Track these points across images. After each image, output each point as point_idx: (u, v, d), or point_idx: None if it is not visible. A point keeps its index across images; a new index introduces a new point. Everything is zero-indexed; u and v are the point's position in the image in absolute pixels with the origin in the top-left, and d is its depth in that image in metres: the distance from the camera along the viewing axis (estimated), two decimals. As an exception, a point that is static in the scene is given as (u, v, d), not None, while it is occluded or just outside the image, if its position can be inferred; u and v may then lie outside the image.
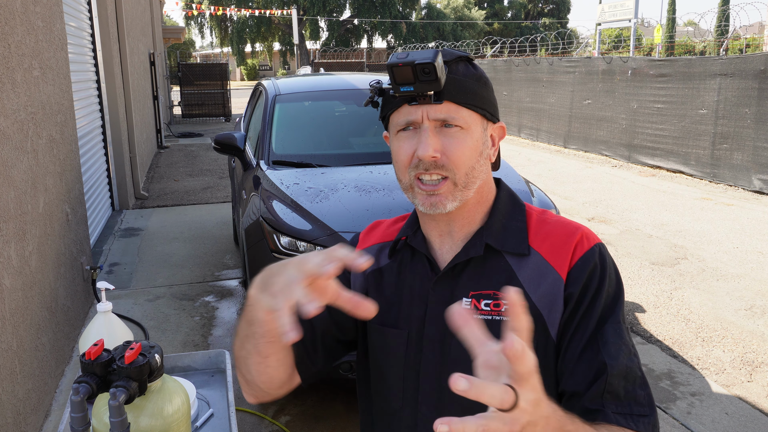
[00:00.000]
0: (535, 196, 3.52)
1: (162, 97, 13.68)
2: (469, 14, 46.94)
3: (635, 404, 0.93)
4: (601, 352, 0.95)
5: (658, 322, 4.24)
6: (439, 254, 1.08)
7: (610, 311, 0.98)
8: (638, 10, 15.57)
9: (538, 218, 1.07)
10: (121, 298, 4.64)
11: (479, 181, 1.03)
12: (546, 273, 1.00)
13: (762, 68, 7.95)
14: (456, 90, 0.99)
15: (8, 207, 2.74)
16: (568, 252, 1.00)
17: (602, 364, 0.94)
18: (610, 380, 0.93)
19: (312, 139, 4.34)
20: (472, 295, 1.02)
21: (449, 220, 1.06)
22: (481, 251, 1.03)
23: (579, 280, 0.98)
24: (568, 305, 0.98)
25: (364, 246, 1.18)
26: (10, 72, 2.91)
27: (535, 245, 1.03)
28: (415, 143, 1.00)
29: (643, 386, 0.95)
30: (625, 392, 0.93)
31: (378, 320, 1.11)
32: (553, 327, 0.98)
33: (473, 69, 1.04)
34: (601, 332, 0.96)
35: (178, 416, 1.11)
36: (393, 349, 1.08)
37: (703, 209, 7.30)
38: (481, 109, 1.02)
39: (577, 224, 1.06)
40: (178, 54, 23.59)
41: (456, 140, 0.99)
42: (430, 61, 0.94)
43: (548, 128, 13.20)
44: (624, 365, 0.94)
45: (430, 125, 0.99)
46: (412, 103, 0.99)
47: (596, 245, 1.02)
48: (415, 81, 0.95)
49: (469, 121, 1.00)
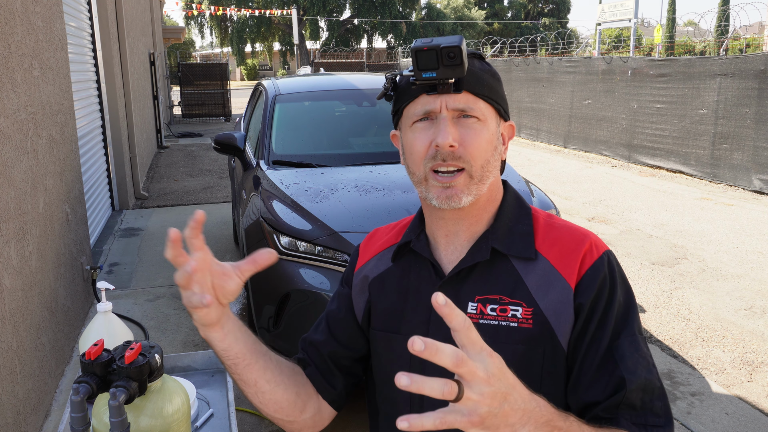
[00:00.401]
0: (535, 196, 3.52)
1: (162, 97, 13.68)
2: (469, 14, 46.94)
3: (651, 415, 0.93)
4: (619, 366, 0.94)
5: (658, 322, 4.25)
6: (443, 256, 1.07)
7: (625, 323, 0.97)
8: (638, 10, 15.57)
9: (546, 222, 1.06)
10: (121, 298, 4.64)
11: (492, 177, 1.03)
12: (554, 280, 0.99)
13: (762, 68, 7.95)
14: (474, 81, 0.99)
15: (8, 207, 2.74)
16: (577, 260, 0.99)
17: (620, 379, 0.93)
18: (629, 395, 0.92)
19: (312, 139, 4.34)
20: (478, 300, 1.01)
21: (458, 219, 1.04)
22: (487, 255, 1.01)
23: (589, 291, 0.97)
24: (580, 316, 0.97)
25: (366, 258, 1.17)
26: (10, 72, 2.91)
27: (542, 250, 1.02)
28: (432, 134, 0.99)
29: (661, 397, 0.95)
30: (642, 403, 0.93)
31: (382, 326, 1.10)
32: (563, 336, 0.97)
33: (487, 65, 1.04)
34: (617, 346, 0.95)
35: (178, 416, 1.11)
36: (398, 355, 1.07)
37: (703, 209, 7.30)
38: (497, 103, 1.02)
39: (585, 231, 1.04)
40: (178, 54, 23.60)
41: (473, 131, 0.99)
42: (457, 44, 0.93)
43: (548, 128, 13.20)
44: (643, 378, 0.93)
45: (448, 115, 0.98)
46: (431, 92, 0.98)
47: (605, 253, 1.01)
48: (438, 66, 0.95)
49: (486, 114, 1.00)
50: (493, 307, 0.99)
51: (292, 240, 3.04)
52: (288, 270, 3.00)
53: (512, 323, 0.98)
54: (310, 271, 2.96)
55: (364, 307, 1.13)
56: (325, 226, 3.01)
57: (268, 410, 1.06)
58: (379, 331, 1.10)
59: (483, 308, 1.00)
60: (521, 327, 0.97)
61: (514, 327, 0.97)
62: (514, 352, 0.96)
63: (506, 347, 0.96)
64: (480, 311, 1.00)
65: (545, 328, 0.97)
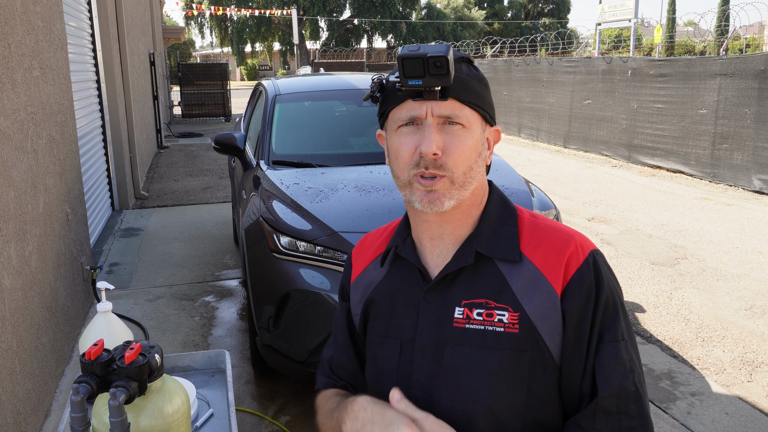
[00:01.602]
0: (535, 197, 3.52)
1: (162, 97, 13.68)
2: (469, 14, 46.93)
3: (625, 417, 0.95)
4: (594, 374, 0.97)
5: (658, 322, 4.25)
6: (429, 260, 1.07)
7: (608, 327, 0.98)
8: (638, 10, 15.57)
9: (530, 222, 1.06)
10: (121, 298, 4.64)
11: (475, 183, 1.03)
12: (539, 284, 0.99)
13: (762, 68, 7.95)
14: (461, 88, 0.99)
15: (8, 207, 2.74)
16: (562, 264, 0.99)
17: (594, 387, 0.96)
18: (602, 402, 0.95)
19: (312, 139, 4.34)
20: (464, 304, 1.01)
21: (442, 222, 1.05)
22: (471, 260, 1.02)
23: (575, 296, 0.98)
24: (568, 322, 0.97)
25: (360, 268, 1.17)
26: (10, 72, 2.91)
27: (527, 252, 1.02)
28: (417, 139, 0.99)
29: (636, 399, 0.97)
30: (617, 408, 0.95)
31: (373, 330, 1.11)
32: (550, 341, 0.98)
33: (475, 70, 1.04)
34: (598, 351, 0.97)
35: (178, 416, 1.11)
36: (387, 359, 1.07)
37: (703, 209, 7.30)
38: (483, 110, 1.02)
39: (570, 231, 1.04)
40: (178, 54, 23.59)
41: (457, 138, 0.99)
42: (443, 54, 0.93)
43: (548, 128, 13.20)
44: (616, 385, 0.96)
45: (433, 121, 0.98)
46: (417, 98, 0.98)
47: (590, 254, 1.00)
48: (424, 74, 0.95)
49: (471, 120, 1.00)
50: (480, 311, 1.00)
51: (292, 240, 3.04)
52: (288, 270, 3.00)
53: (498, 328, 0.98)
54: (310, 271, 2.96)
55: (360, 314, 1.15)
56: (325, 226, 3.01)
57: None
58: (371, 335, 1.12)
59: (469, 313, 1.00)
60: (508, 332, 0.98)
61: (501, 332, 0.98)
62: (502, 358, 0.97)
63: (493, 352, 0.97)
64: (466, 316, 1.00)
65: (532, 333, 0.97)
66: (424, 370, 1.02)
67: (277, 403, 3.25)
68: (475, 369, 0.97)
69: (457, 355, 0.99)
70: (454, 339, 1.00)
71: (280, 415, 3.16)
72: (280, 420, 3.12)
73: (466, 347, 0.99)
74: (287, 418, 3.13)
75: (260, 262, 3.18)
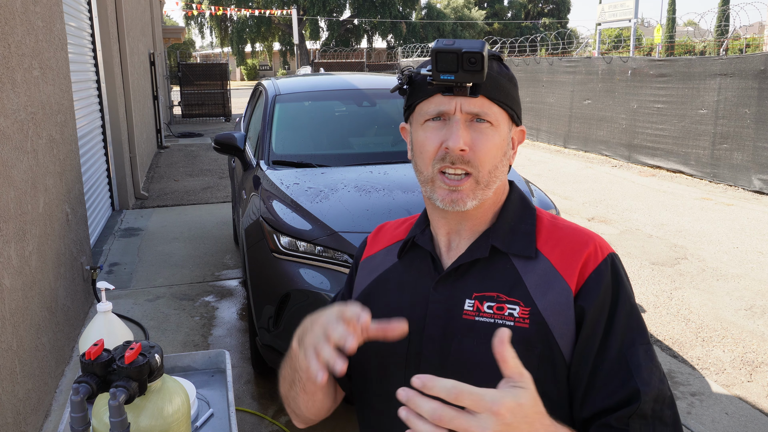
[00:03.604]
0: (535, 196, 3.52)
1: (162, 97, 13.68)
2: (469, 14, 46.93)
3: (659, 423, 0.93)
4: (633, 376, 0.93)
5: (658, 322, 4.25)
6: (444, 253, 1.07)
7: (639, 331, 0.97)
8: (638, 10, 15.58)
9: (550, 223, 1.06)
10: (121, 298, 4.64)
11: (499, 182, 1.02)
12: (553, 281, 0.98)
13: (762, 68, 7.95)
14: (492, 86, 0.98)
15: (8, 207, 2.74)
16: (579, 262, 0.98)
17: (635, 389, 0.92)
18: (642, 406, 0.92)
19: (312, 139, 4.34)
20: (475, 297, 1.00)
21: (461, 219, 1.04)
22: (486, 253, 1.01)
23: (592, 295, 0.96)
24: (584, 321, 0.96)
25: (374, 251, 1.18)
26: (10, 72, 2.91)
27: (544, 250, 1.01)
28: (443, 134, 0.98)
29: (671, 406, 0.95)
30: (652, 413, 0.92)
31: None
32: (561, 338, 0.96)
33: (505, 68, 1.04)
34: (632, 354, 0.95)
35: (178, 416, 1.11)
36: (395, 349, 1.07)
37: (703, 209, 7.30)
38: (511, 109, 1.02)
39: (589, 232, 1.03)
40: (178, 54, 23.57)
41: (485, 136, 0.98)
42: (479, 50, 0.92)
43: (548, 128, 13.20)
44: (656, 389, 0.93)
45: (461, 118, 0.97)
46: (447, 93, 0.97)
47: (609, 256, 1.00)
48: (458, 70, 0.93)
49: (499, 119, 1.00)
50: (490, 304, 0.99)
51: (292, 240, 3.04)
52: (288, 270, 3.00)
53: (509, 322, 0.97)
54: (310, 271, 2.96)
55: (361, 293, 1.14)
56: (325, 226, 3.01)
57: (310, 413, 1.13)
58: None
59: (480, 305, 1.00)
60: (517, 326, 0.96)
61: (510, 326, 0.97)
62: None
63: None
64: (477, 308, 0.99)
65: (542, 329, 0.96)
66: (432, 361, 1.02)
67: (277, 403, 3.25)
68: (483, 362, 0.96)
69: (464, 348, 0.99)
70: (462, 331, 0.99)
71: (280, 415, 3.16)
72: (280, 420, 3.12)
73: (474, 339, 0.98)
74: (287, 418, 3.13)
75: (260, 262, 3.18)
